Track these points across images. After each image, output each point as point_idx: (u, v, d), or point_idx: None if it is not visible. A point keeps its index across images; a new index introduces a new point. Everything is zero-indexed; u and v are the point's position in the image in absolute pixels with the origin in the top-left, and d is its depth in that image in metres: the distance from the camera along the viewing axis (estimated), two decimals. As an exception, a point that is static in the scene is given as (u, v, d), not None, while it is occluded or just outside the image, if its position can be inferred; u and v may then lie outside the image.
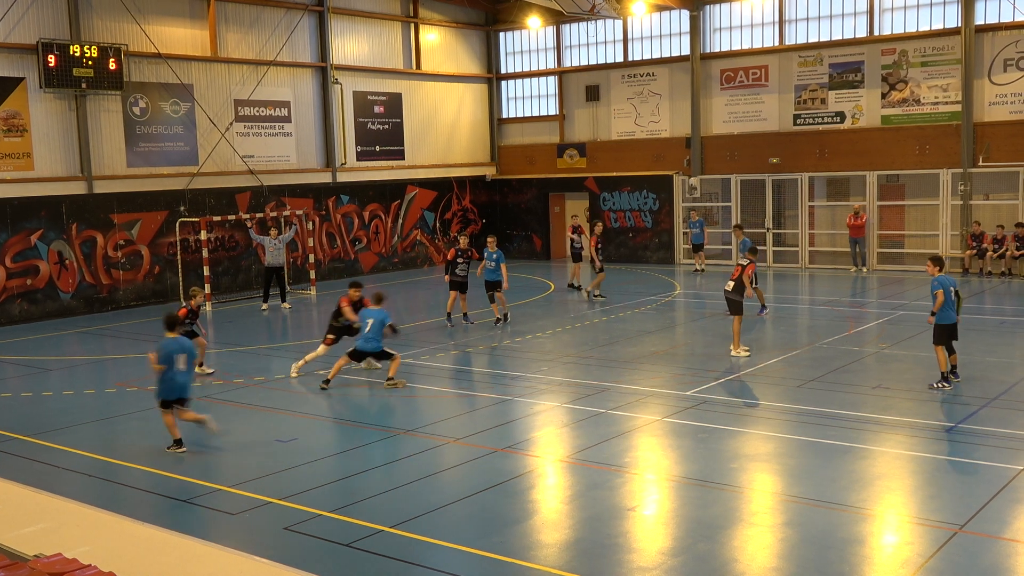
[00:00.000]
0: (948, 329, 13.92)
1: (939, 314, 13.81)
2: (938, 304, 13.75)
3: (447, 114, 33.82)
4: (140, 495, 10.68)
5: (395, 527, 9.26)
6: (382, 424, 13.20)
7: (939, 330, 13.91)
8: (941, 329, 13.90)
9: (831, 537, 8.77)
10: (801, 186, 29.10)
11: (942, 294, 13.73)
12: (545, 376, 15.75)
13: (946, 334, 13.92)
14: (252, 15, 27.68)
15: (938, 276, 13.99)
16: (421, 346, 18.39)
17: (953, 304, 13.89)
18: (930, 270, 14.23)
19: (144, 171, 25.26)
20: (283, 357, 17.88)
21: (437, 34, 33.23)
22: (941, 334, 13.91)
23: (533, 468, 11.18)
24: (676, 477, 10.77)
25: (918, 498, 9.88)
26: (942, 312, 13.80)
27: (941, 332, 13.91)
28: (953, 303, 13.89)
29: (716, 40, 30.72)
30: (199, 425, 12.27)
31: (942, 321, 13.85)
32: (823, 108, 28.86)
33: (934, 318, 13.89)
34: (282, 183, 28.39)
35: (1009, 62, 26.11)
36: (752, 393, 14.41)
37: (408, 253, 32.53)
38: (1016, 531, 8.91)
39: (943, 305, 13.75)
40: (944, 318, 13.83)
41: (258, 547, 8.77)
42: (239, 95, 27.37)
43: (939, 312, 13.79)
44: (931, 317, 13.98)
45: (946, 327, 13.90)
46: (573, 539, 9.05)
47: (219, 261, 26.52)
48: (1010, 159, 26.04)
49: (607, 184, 32.54)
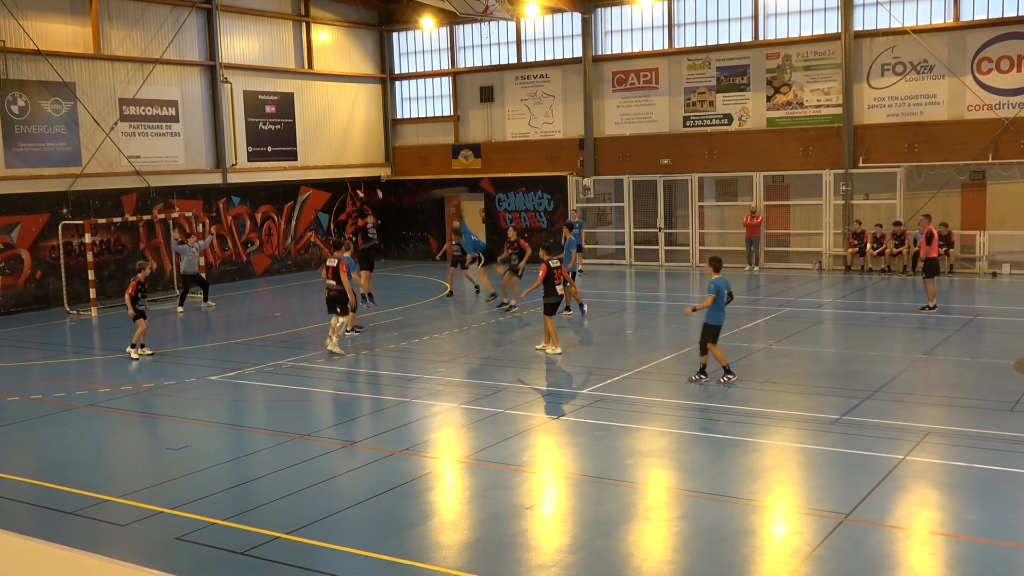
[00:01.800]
0: (718, 328, 14.55)
1: (712, 315, 14.45)
2: (704, 304, 14.49)
3: (341, 114, 33.49)
4: (23, 508, 10.30)
5: (291, 533, 9.14)
6: (276, 429, 12.99)
7: (710, 330, 14.53)
8: (713, 329, 14.52)
9: (723, 529, 8.99)
10: (691, 186, 29.72)
11: (712, 298, 14.37)
12: (442, 377, 15.74)
13: (717, 333, 14.55)
14: (137, 11, 26.93)
15: (715, 278, 14.59)
16: (316, 349, 18.17)
17: (723, 305, 14.54)
18: (709, 271, 14.93)
19: (24, 172, 24.34)
20: (172, 363, 17.47)
21: (329, 33, 32.88)
22: (714, 333, 14.53)
23: (431, 470, 11.16)
24: (573, 475, 10.89)
25: (805, 489, 10.19)
26: (715, 312, 14.44)
27: (714, 332, 14.53)
28: (724, 304, 14.55)
29: (608, 43, 31.15)
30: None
31: (714, 322, 14.49)
32: (711, 110, 29.54)
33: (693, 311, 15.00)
34: (170, 184, 27.70)
35: (886, 67, 27.15)
36: (646, 390, 14.65)
37: (302, 255, 32.10)
38: (898, 518, 9.26)
39: (716, 306, 14.40)
40: (717, 319, 14.48)
41: (150, 558, 8.55)
42: (124, 94, 26.60)
43: (712, 313, 14.44)
44: (688, 309, 15.23)
45: (715, 327, 14.52)
46: (472, 539, 9.07)
47: (105, 265, 25.73)
48: (888, 160, 27.08)
49: (502, 185, 32.68)
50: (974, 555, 8.41)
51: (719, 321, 14.53)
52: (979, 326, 19.05)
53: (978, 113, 26.09)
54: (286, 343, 19.06)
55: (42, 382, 16.31)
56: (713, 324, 14.51)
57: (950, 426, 12.09)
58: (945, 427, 12.04)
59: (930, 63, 26.52)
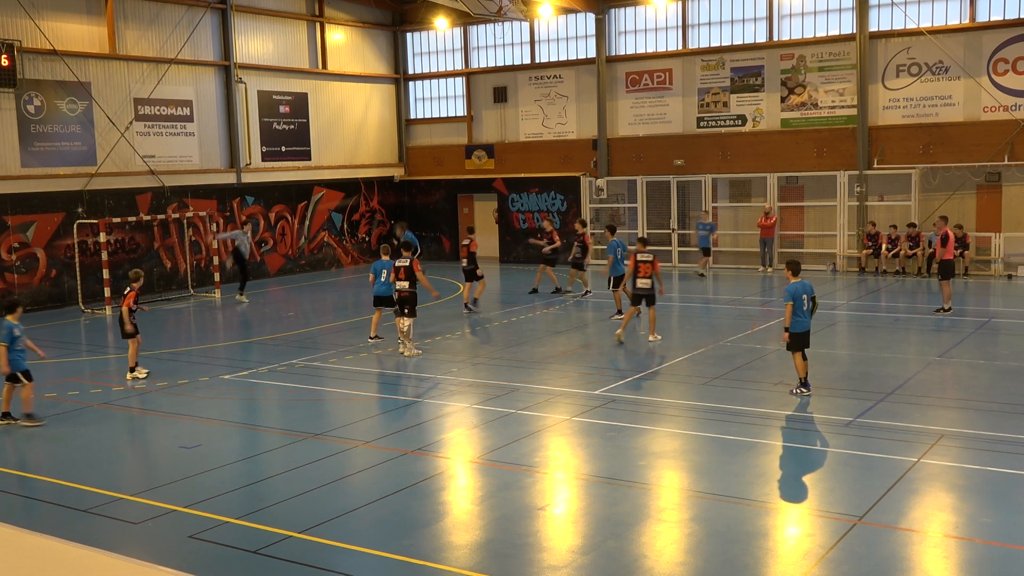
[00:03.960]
0: (801, 336, 13.74)
1: (794, 321, 13.60)
2: (787, 316, 13.62)
3: (354, 114, 33.55)
4: (38, 505, 10.35)
5: (303, 532, 9.15)
6: (289, 428, 13.02)
7: (793, 337, 13.69)
8: (796, 336, 13.69)
9: (736, 531, 8.96)
10: (705, 187, 29.66)
11: (791, 306, 13.54)
12: (455, 377, 15.75)
13: (800, 341, 13.75)
14: (152, 11, 27.04)
15: (791, 283, 13.77)
16: (329, 348, 18.21)
17: (805, 311, 13.72)
18: (786, 275, 14.05)
19: (39, 171, 24.46)
20: (185, 362, 17.53)
21: (343, 34, 32.93)
22: (798, 341, 13.72)
23: (443, 470, 11.17)
24: (585, 475, 10.87)
25: (819, 491, 10.15)
26: (795, 319, 13.61)
27: (798, 339, 13.72)
28: (806, 310, 13.72)
29: (621, 43, 31.11)
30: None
31: (795, 328, 13.66)
32: (725, 111, 29.47)
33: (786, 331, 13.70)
34: (184, 184, 27.80)
35: (901, 67, 27.04)
36: (658, 391, 14.63)
37: (315, 255, 32.17)
38: (912, 521, 9.22)
39: (796, 312, 13.59)
40: (797, 325, 13.66)
41: (163, 556, 8.58)
42: (139, 93, 26.71)
43: (793, 319, 13.59)
44: (786, 334, 13.74)
45: (798, 335, 13.72)
46: (484, 540, 9.06)
47: (119, 264, 25.82)
48: (903, 161, 26.96)
49: (515, 185, 32.68)
50: (989, 558, 8.37)
51: (801, 328, 13.67)
52: (994, 328, 18.95)
53: (994, 114, 25.95)
54: (299, 342, 19.10)
55: (56, 380, 16.38)
56: (795, 331, 13.67)
57: (964, 429, 12.03)
58: (959, 430, 11.97)
59: (945, 64, 26.39)
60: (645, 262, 17.88)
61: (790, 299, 13.62)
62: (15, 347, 13.07)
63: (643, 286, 17.90)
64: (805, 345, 13.81)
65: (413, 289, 17.42)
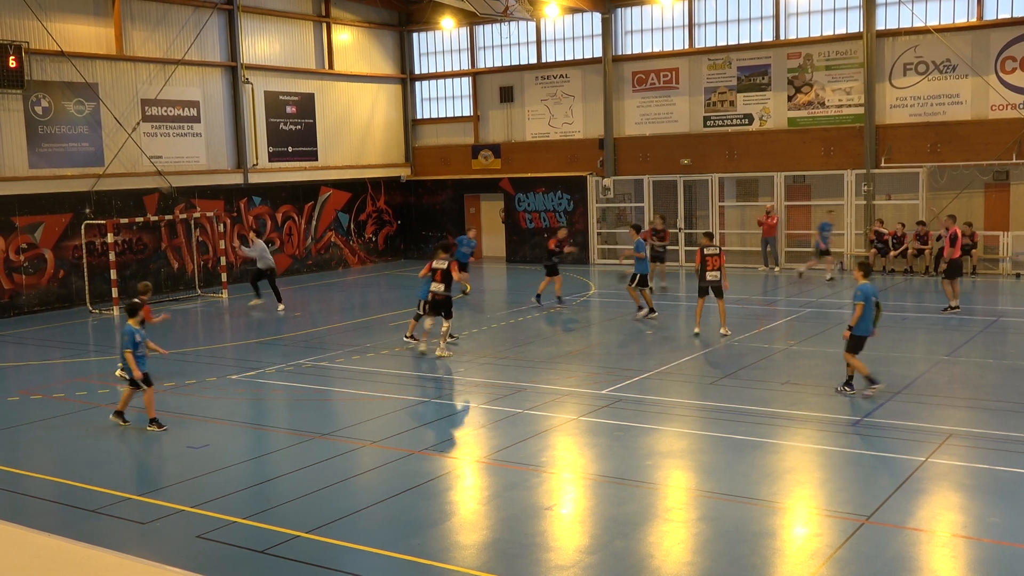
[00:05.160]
0: (864, 339, 13.58)
1: (858, 323, 13.41)
2: (856, 316, 13.44)
3: (361, 115, 33.57)
4: (46, 505, 10.38)
5: (311, 532, 9.17)
6: (296, 428, 13.04)
7: (854, 340, 13.55)
8: (856, 339, 13.54)
9: (743, 531, 8.95)
10: (712, 187, 29.62)
11: (862, 306, 13.33)
12: (462, 377, 15.75)
13: (862, 343, 13.59)
14: (159, 13, 27.09)
15: (861, 284, 13.57)
16: (336, 348, 18.23)
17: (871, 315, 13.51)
18: (856, 276, 13.83)
19: (47, 172, 24.53)
20: (193, 362, 17.56)
21: (350, 34, 32.97)
22: (857, 344, 13.57)
23: (451, 469, 11.17)
24: (592, 475, 10.87)
25: (826, 491, 10.13)
26: (860, 322, 13.41)
27: (857, 342, 13.56)
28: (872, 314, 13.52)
29: (628, 43, 31.09)
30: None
31: (859, 332, 13.48)
32: (732, 110, 29.43)
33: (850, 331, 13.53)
34: (192, 184, 27.85)
35: (908, 66, 26.97)
36: (665, 391, 14.61)
37: (322, 255, 32.20)
38: (919, 521, 9.20)
39: (864, 315, 13.40)
40: (861, 328, 13.47)
41: (170, 556, 8.60)
42: (146, 94, 26.77)
43: (858, 321, 13.40)
44: (847, 331, 13.59)
45: (863, 338, 13.55)
46: (491, 539, 9.07)
47: (127, 264, 25.89)
48: (910, 160, 26.89)
49: (522, 185, 32.67)
50: (997, 558, 8.34)
51: (864, 332, 13.46)
52: (1002, 328, 18.89)
53: (1002, 113, 25.87)
54: (306, 343, 19.12)
55: (64, 381, 16.43)
56: (857, 334, 13.47)
57: (973, 428, 12.00)
58: (968, 429, 11.95)
59: (953, 62, 26.32)
60: (713, 255, 18.28)
61: (862, 299, 13.36)
62: (137, 352, 12.84)
63: (712, 279, 18.31)
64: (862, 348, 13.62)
65: (449, 292, 17.40)
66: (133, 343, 12.87)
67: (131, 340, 12.87)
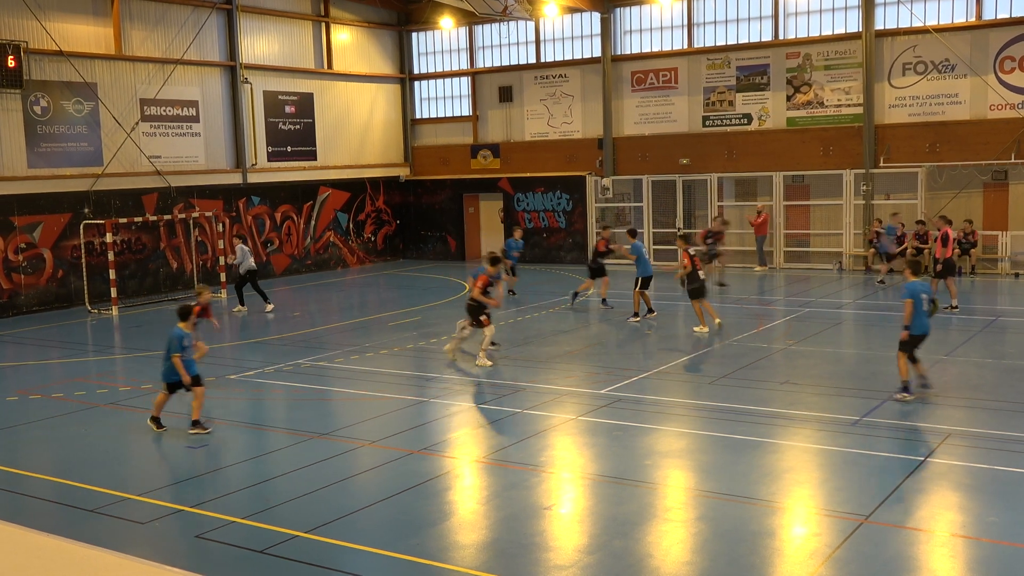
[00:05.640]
0: (918, 339, 13.33)
1: (911, 322, 13.15)
2: (906, 315, 13.18)
3: (360, 114, 33.57)
4: (45, 505, 10.37)
5: (310, 532, 9.16)
6: (295, 428, 13.03)
7: (908, 338, 13.28)
8: (910, 338, 13.27)
9: (742, 530, 8.95)
10: (710, 186, 29.63)
11: (911, 303, 13.09)
12: (461, 377, 15.75)
13: (914, 343, 13.33)
14: (158, 12, 27.08)
15: (909, 282, 13.38)
16: (335, 348, 18.23)
17: (924, 312, 13.24)
18: (906, 274, 13.66)
19: (46, 172, 24.52)
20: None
21: (349, 34, 32.96)
22: (910, 343, 13.30)
23: (450, 469, 11.17)
24: (591, 475, 10.87)
25: (825, 490, 10.13)
26: (913, 320, 13.15)
27: (910, 341, 13.29)
28: (925, 311, 13.23)
29: (627, 42, 31.09)
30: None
31: (912, 331, 13.22)
32: (731, 110, 29.43)
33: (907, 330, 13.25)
34: (190, 184, 27.85)
35: (907, 66, 26.98)
36: (664, 390, 14.62)
37: (321, 255, 32.20)
38: (918, 520, 9.20)
39: (916, 313, 13.15)
40: (914, 327, 13.21)
41: (169, 556, 8.60)
42: (145, 94, 26.76)
43: (911, 320, 13.14)
44: (905, 332, 13.27)
45: (915, 337, 13.30)
46: (490, 539, 9.07)
47: (125, 264, 25.90)
48: (909, 160, 26.90)
49: (521, 185, 32.68)
50: (995, 558, 8.35)
51: (918, 331, 13.20)
52: (1001, 327, 18.90)
53: (1000, 112, 25.88)
54: (305, 342, 19.12)
55: (63, 381, 16.43)
56: (913, 334, 13.21)
57: (971, 428, 12.01)
58: (967, 429, 11.95)
59: (952, 62, 26.33)
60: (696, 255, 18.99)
61: (909, 296, 13.17)
62: (184, 356, 12.64)
63: (703, 278, 19.01)
64: (916, 347, 13.35)
65: (478, 300, 16.54)
66: (181, 347, 12.59)
67: (179, 344, 12.59)
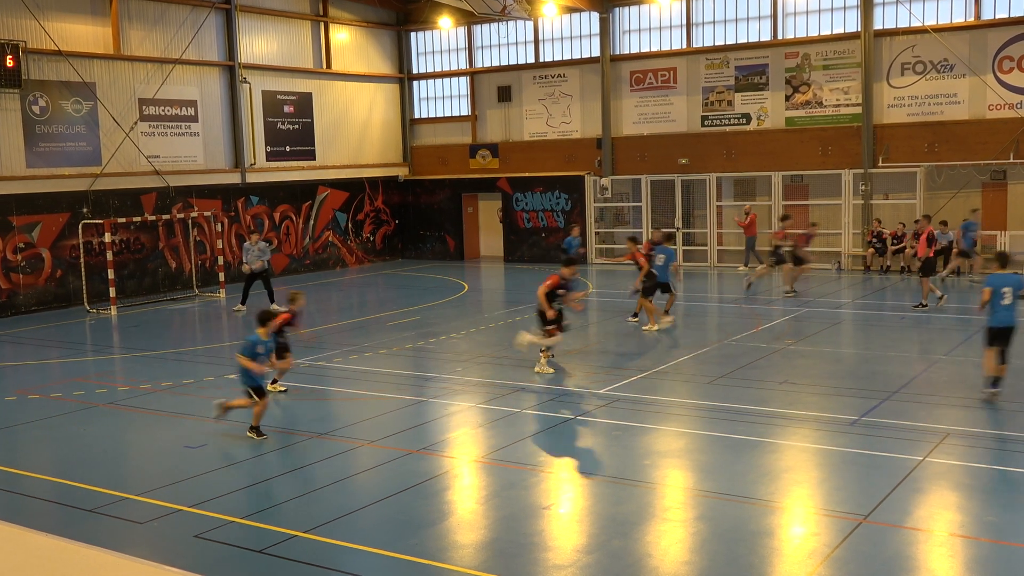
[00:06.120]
0: (995, 332, 13.05)
1: (991, 315, 12.96)
2: (982, 303, 13.02)
3: (358, 114, 33.56)
4: (43, 505, 10.37)
5: (309, 532, 9.16)
6: (294, 428, 13.03)
7: (987, 332, 13.16)
8: (989, 332, 13.09)
9: (741, 530, 8.95)
10: (709, 186, 29.63)
11: (988, 292, 12.89)
12: (459, 377, 15.75)
13: (991, 336, 13.07)
14: (157, 12, 27.07)
15: (991, 275, 13.22)
16: (333, 348, 18.22)
17: (1006, 306, 12.91)
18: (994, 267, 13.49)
19: (45, 172, 24.51)
20: (190, 361, 17.54)
21: (348, 33, 32.95)
22: (990, 336, 13.09)
23: (448, 469, 11.17)
24: (590, 475, 10.87)
25: (824, 490, 10.14)
26: (993, 313, 12.94)
27: (990, 334, 13.10)
28: (1007, 305, 12.90)
29: (625, 42, 31.09)
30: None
31: (990, 323, 13.04)
32: (730, 110, 29.44)
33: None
34: (189, 184, 27.84)
35: (906, 66, 26.99)
36: (663, 390, 14.62)
37: (320, 254, 32.19)
38: (917, 520, 9.21)
39: (992, 305, 12.92)
40: (993, 319, 12.99)
41: (168, 556, 8.60)
42: (144, 94, 26.75)
43: (991, 312, 12.94)
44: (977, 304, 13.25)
45: (992, 329, 13.07)
46: (489, 539, 9.07)
47: (124, 264, 25.88)
48: (908, 160, 26.92)
49: (520, 184, 32.68)
50: (994, 557, 8.35)
51: (995, 323, 12.93)
52: (1000, 327, 18.88)
53: (999, 112, 25.89)
54: (304, 342, 19.08)
55: (62, 380, 16.42)
56: (989, 326, 13.05)
57: (970, 427, 12.01)
58: (965, 428, 11.96)
59: (950, 62, 26.34)
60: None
61: (987, 285, 12.99)
62: (256, 361, 12.44)
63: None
64: (1000, 342, 13.04)
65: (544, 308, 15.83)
66: (252, 352, 12.41)
67: (251, 350, 12.42)
